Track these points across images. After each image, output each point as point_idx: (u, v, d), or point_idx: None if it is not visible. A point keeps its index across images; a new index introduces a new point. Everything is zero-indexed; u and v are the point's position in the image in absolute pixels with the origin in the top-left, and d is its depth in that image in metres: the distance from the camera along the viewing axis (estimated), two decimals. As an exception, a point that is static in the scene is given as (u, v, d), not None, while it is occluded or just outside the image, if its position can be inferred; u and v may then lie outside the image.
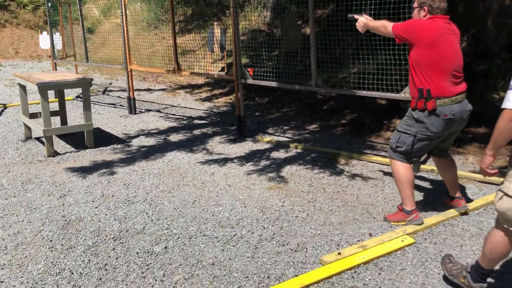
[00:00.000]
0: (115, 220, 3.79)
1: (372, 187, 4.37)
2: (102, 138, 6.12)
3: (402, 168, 3.49)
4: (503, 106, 2.32)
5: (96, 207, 4.03)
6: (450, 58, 3.28)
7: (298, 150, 5.51)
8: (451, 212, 3.69)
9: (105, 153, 5.55)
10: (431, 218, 3.63)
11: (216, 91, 9.05)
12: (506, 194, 2.40)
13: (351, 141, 5.83)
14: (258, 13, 11.37)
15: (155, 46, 11.03)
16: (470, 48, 6.89)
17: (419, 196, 4.14)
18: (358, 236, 3.44)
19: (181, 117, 7.29)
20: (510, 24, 6.55)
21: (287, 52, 8.56)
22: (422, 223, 3.51)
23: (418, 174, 4.56)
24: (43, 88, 5.31)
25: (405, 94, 4.55)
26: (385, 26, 3.49)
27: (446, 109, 3.27)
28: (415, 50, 3.32)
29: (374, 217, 3.75)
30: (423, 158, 4.14)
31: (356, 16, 3.80)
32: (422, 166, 4.59)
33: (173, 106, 8.09)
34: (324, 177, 4.64)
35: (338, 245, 3.32)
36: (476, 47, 6.83)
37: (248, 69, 6.00)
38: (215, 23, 10.28)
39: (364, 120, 6.44)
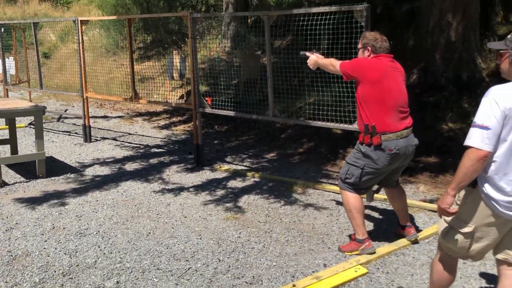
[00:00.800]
0: (65, 254, 3.65)
1: (327, 216, 4.43)
2: (55, 167, 5.94)
3: (352, 198, 3.57)
4: (467, 143, 2.27)
5: (45, 241, 3.88)
6: (395, 95, 3.43)
7: (256, 179, 5.53)
8: (403, 242, 3.79)
9: (58, 183, 5.38)
10: (384, 247, 3.71)
11: (174, 119, 9.00)
12: (456, 230, 2.45)
13: (308, 169, 5.91)
14: (218, 42, 11.50)
15: (114, 73, 10.92)
16: (420, 80, 7.20)
17: (371, 225, 4.22)
18: (313, 267, 3.46)
19: (138, 145, 7.20)
20: (455, 59, 6.91)
21: (246, 81, 8.68)
22: (375, 251, 3.57)
23: (371, 203, 4.67)
24: (-8, 116, 5.13)
25: (357, 126, 4.68)
26: (333, 64, 3.66)
27: (391, 144, 3.37)
28: (361, 87, 3.46)
29: (329, 247, 3.79)
30: (375, 187, 4.26)
31: (307, 54, 3.96)
32: (375, 195, 4.70)
33: (130, 134, 7.97)
34: (281, 207, 4.67)
35: (293, 276, 3.32)
36: (426, 79, 7.14)
37: (206, 98, 6.02)
38: (175, 51, 10.32)
39: (320, 149, 6.56)
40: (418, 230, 4.02)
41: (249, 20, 11.25)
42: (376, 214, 4.48)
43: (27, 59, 9.70)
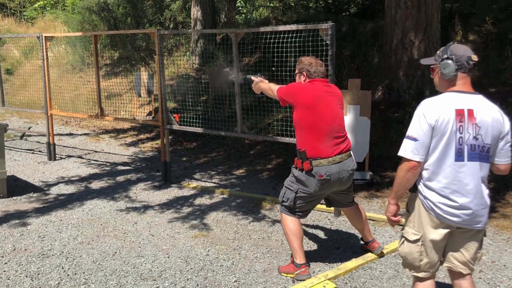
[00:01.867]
0: (26, 276, 3.53)
1: (296, 232, 4.43)
2: (17, 187, 5.76)
3: (290, 222, 3.52)
4: (399, 154, 2.42)
5: (6, 263, 3.73)
6: (328, 119, 3.38)
7: (225, 196, 5.51)
8: (370, 256, 3.83)
9: (19, 203, 5.21)
10: (351, 262, 3.74)
11: (142, 136, 8.90)
12: (406, 239, 2.53)
13: (276, 185, 5.92)
14: (186, 59, 11.51)
15: (80, 90, 10.74)
16: (384, 97, 7.39)
17: (339, 240, 4.26)
18: (281, 283, 3.46)
19: (104, 163, 7.06)
20: (418, 76, 7.14)
21: (215, 98, 8.69)
22: (310, 277, 3.44)
23: (338, 218, 4.72)
24: (-49, 134, 4.95)
25: (325, 141, 4.74)
26: (272, 89, 3.67)
27: (322, 170, 3.34)
28: (295, 112, 3.46)
29: (298, 263, 3.79)
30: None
31: (252, 77, 3.99)
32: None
33: (96, 151, 7.82)
34: (249, 223, 4.65)
35: (262, 293, 3.30)
36: (390, 96, 7.34)
37: (174, 115, 5.99)
38: (142, 67, 10.25)
39: (289, 164, 6.59)
40: (385, 243, 4.07)
41: (217, 37, 11.32)
42: (343, 228, 4.52)
43: (-11, 76, 9.43)
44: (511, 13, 7.91)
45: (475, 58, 2.39)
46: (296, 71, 3.64)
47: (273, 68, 4.26)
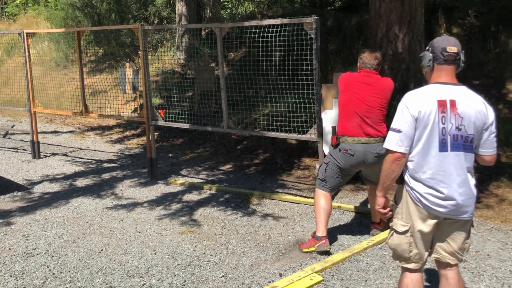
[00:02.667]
0: (10, 276, 3.48)
1: (283, 226, 4.45)
2: (0, 186, 5.67)
3: (321, 196, 3.90)
4: (384, 146, 2.48)
5: (-11, 263, 3.68)
6: (356, 103, 3.80)
7: (212, 192, 5.50)
8: (356, 248, 3.86)
9: (3, 202, 5.14)
10: (338, 254, 3.76)
11: (128, 133, 8.83)
12: (395, 231, 2.54)
13: (264, 180, 5.93)
14: (172, 54, 11.43)
15: (64, 87, 10.61)
16: (370, 90, 7.41)
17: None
18: (269, 277, 3.46)
19: (90, 160, 7.00)
20: (403, 69, 7.18)
21: (201, 94, 8.65)
22: (329, 250, 3.77)
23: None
24: None
25: (310, 135, 4.76)
26: None
27: (346, 146, 3.79)
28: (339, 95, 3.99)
29: (285, 257, 3.80)
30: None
31: None
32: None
33: (81, 149, 7.74)
34: (237, 218, 4.65)
35: (250, 287, 3.31)
36: (375, 89, 7.36)
37: (159, 111, 5.95)
38: (127, 64, 10.16)
39: (276, 159, 6.61)
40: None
41: (203, 33, 11.26)
42: (329, 222, 4.54)
43: (-30, 74, 9.28)
44: (493, 6, 7.99)
45: (451, 49, 2.39)
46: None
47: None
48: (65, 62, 12.64)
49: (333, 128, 3.93)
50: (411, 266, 2.54)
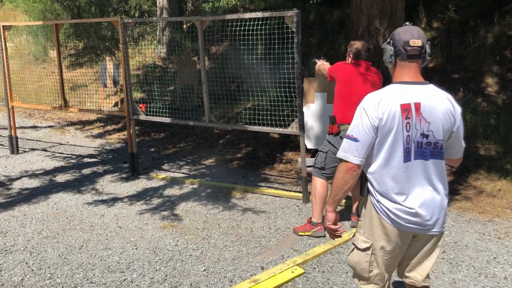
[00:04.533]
0: (-12, 273, 3.42)
1: (265, 219, 4.46)
2: (-23, 182, 5.57)
3: (319, 184, 4.06)
4: (338, 155, 2.18)
5: (-34, 261, 3.61)
6: (359, 93, 3.83)
7: (194, 186, 5.48)
8: (337, 240, 3.88)
9: (-20, 199, 5.04)
10: (319, 247, 3.79)
11: (109, 127, 8.73)
12: (356, 247, 2.27)
13: (246, 174, 5.93)
14: (153, 48, 11.32)
15: (43, 81, 10.43)
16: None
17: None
18: (251, 270, 3.47)
19: (70, 155, 6.90)
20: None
21: (183, 88, 8.59)
22: (325, 236, 3.98)
23: (307, 204, 4.76)
24: None
25: (292, 129, 4.77)
26: (325, 68, 4.35)
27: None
28: (336, 85, 4.08)
29: (267, 250, 3.82)
30: None
31: (316, 60, 4.59)
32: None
33: (61, 144, 7.63)
34: (219, 212, 4.64)
35: (231, 281, 3.31)
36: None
37: (140, 105, 5.89)
38: (108, 57, 10.02)
39: (258, 153, 6.61)
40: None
41: (184, 26, 11.17)
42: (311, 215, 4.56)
43: None
44: (472, 1, 8.09)
45: (414, 43, 2.08)
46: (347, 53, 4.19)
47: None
48: (44, 56, 12.42)
49: (332, 117, 4.00)
50: (370, 287, 2.26)
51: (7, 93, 6.84)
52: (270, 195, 5.09)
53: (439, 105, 2.11)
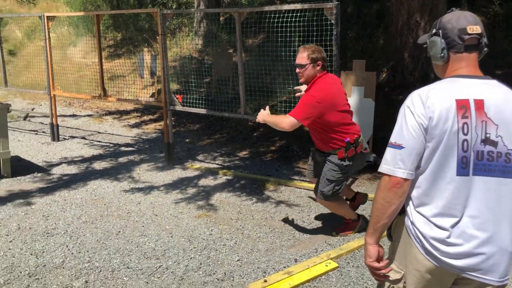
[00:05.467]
0: (31, 254, 3.56)
1: (299, 212, 4.45)
2: (21, 167, 5.77)
3: (336, 203, 3.85)
4: (380, 169, 1.71)
5: (11, 241, 3.77)
6: (350, 114, 3.79)
7: (228, 177, 5.51)
8: (373, 236, 3.84)
9: (24, 183, 5.23)
10: (354, 242, 3.75)
11: (145, 117, 8.89)
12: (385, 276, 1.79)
13: (279, 167, 5.93)
14: (189, 40, 11.42)
15: (83, 71, 10.71)
16: (389, 79, 7.32)
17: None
18: (284, 262, 3.48)
19: (107, 144, 7.07)
20: (423, 57, 7.06)
21: (219, 80, 8.64)
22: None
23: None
24: (-46, 113, 4.95)
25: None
26: (280, 120, 3.75)
27: (365, 144, 3.81)
28: (329, 115, 3.58)
29: (301, 243, 3.81)
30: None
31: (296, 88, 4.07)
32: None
33: (99, 132, 7.83)
34: (252, 204, 4.66)
35: (265, 272, 3.33)
36: (395, 78, 7.27)
37: (177, 96, 5.96)
38: (146, 49, 10.19)
39: (292, 146, 6.59)
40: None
41: (221, 18, 11.21)
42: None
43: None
44: (519, -6, 7.78)
45: (472, 29, 1.68)
46: (308, 60, 3.58)
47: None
48: (86, 46, 12.72)
49: (353, 140, 3.58)
50: None
51: (50, 82, 7.05)
52: (304, 189, 5.07)
53: (509, 104, 1.63)
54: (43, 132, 7.80)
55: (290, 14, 4.97)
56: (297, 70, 3.64)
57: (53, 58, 7.24)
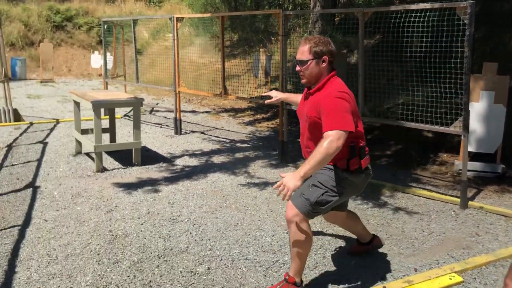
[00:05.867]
0: (159, 238, 3.85)
1: (417, 221, 4.27)
2: (148, 157, 6.29)
3: (308, 228, 3.05)
4: None
5: (142, 224, 4.12)
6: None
7: (341, 179, 5.46)
8: (501, 253, 3.56)
9: (151, 171, 5.68)
10: (481, 257, 3.51)
11: (258, 116, 9.15)
12: None
13: (396, 172, 5.73)
14: (303, 41, 11.49)
15: (201, 70, 11.32)
16: None
17: (469, 234, 4.00)
18: (403, 270, 3.36)
19: (224, 139, 7.40)
20: None
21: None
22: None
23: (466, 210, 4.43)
24: (97, 106, 5.53)
25: (454, 128, 4.47)
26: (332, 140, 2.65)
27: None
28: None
29: (420, 252, 3.65)
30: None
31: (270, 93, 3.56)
32: (470, 203, 4.48)
33: (216, 128, 8.22)
34: (368, 208, 4.58)
35: (383, 278, 3.25)
36: None
37: (294, 96, 6.03)
38: (261, 49, 10.47)
39: (411, 152, 6.33)
40: (519, 242, 3.77)
41: (336, 19, 11.12)
42: (471, 221, 4.24)
43: (124, 55, 10.35)
44: None
45: None
46: (310, 55, 2.82)
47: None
48: (204, 46, 13.45)
49: (359, 148, 2.93)
50: None
51: (176, 79, 7.57)
52: (423, 197, 4.85)
53: None
54: (166, 125, 8.40)
55: (414, 14, 4.78)
56: (297, 68, 2.87)
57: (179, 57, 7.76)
